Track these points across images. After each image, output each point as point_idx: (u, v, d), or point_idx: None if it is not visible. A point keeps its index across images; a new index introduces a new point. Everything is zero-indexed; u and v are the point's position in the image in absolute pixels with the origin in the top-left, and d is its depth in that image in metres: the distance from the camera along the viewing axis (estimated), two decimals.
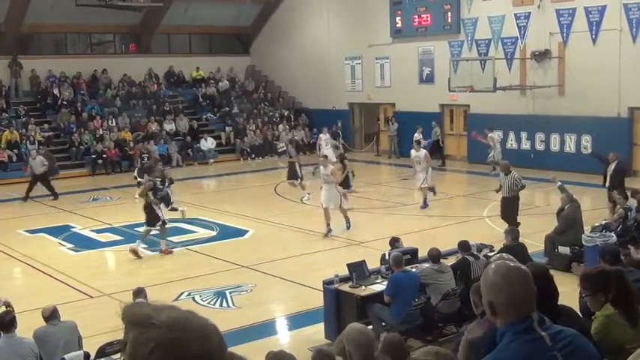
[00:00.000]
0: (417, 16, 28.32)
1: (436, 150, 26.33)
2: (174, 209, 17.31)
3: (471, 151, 26.91)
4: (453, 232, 15.44)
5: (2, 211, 21.05)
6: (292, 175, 21.40)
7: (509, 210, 14.99)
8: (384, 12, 29.27)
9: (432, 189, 19.32)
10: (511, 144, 25.86)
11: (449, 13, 27.20)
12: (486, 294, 2.88)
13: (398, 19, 28.97)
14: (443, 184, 24.49)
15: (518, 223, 14.05)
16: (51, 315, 8.30)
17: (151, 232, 15.22)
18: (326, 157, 17.73)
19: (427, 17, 27.98)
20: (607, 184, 16.44)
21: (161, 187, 16.05)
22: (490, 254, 10.62)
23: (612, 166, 16.34)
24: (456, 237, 11.70)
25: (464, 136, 27.67)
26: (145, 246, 15.66)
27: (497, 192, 15.80)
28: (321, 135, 27.90)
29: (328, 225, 16.28)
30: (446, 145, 28.40)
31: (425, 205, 18.99)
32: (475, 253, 10.47)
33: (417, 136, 24.73)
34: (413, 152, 19.68)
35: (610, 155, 16.65)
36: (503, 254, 4.84)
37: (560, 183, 14.35)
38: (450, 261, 10.49)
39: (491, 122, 25.57)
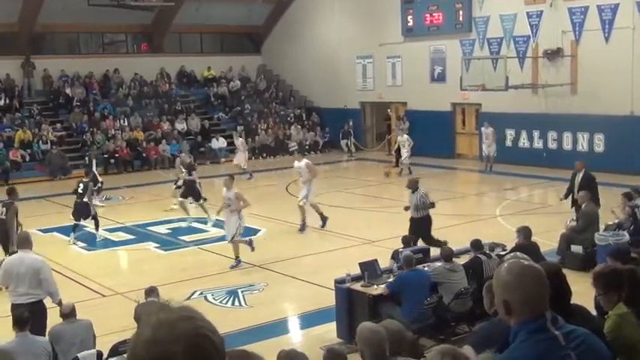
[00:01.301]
0: (428, 15, 28.28)
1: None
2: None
3: (483, 149, 26.82)
4: (464, 231, 15.40)
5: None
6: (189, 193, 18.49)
7: (421, 232, 13.37)
8: (395, 11, 29.24)
9: (322, 217, 16.88)
10: (523, 143, 25.79)
11: (460, 12, 27.15)
12: (500, 293, 2.87)
13: (409, 17, 28.93)
14: (454, 183, 24.50)
15: (440, 241, 12.86)
16: (70, 313, 8.36)
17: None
18: (232, 177, 15.20)
19: (439, 16, 27.93)
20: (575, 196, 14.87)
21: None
22: (502, 253, 10.60)
23: (580, 175, 15.07)
24: (467, 236, 11.68)
25: (475, 135, 27.60)
26: (158, 245, 15.72)
27: (405, 210, 14.21)
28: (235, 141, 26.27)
29: (236, 258, 13.98)
30: (457, 143, 28.35)
31: (302, 229, 16.81)
32: (487, 252, 10.44)
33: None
34: (295, 163, 17.78)
35: (577, 164, 15.40)
36: (517, 253, 4.84)
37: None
38: (462, 260, 10.46)
39: (503, 121, 25.54)
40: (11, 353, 7.28)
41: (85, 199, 16.46)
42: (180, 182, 19.08)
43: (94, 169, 20.30)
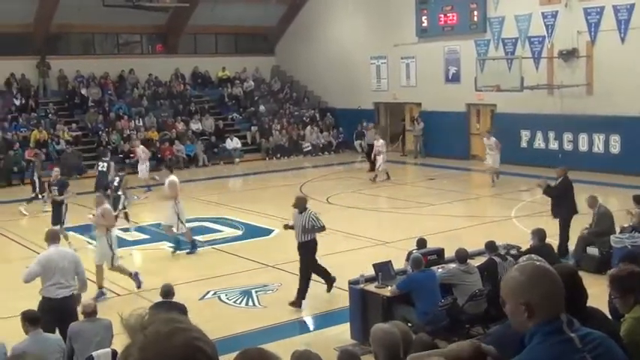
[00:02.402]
0: (443, 15, 28.21)
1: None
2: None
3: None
4: (479, 232, 15.34)
5: (31, 209, 21.26)
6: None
7: (307, 261, 11.82)
8: (409, 11, 29.18)
9: (192, 244, 15.39)
10: (539, 144, 25.67)
11: (475, 12, 27.07)
12: (518, 296, 2.81)
13: (424, 18, 28.87)
14: (469, 184, 24.42)
15: (331, 277, 11.99)
16: (91, 312, 8.42)
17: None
18: (103, 193, 14.43)
19: (453, 16, 27.86)
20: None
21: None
22: (517, 255, 10.55)
23: (558, 181, 14.17)
24: (482, 237, 11.64)
25: None
26: (173, 245, 15.79)
27: (285, 228, 12.65)
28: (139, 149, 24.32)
29: (100, 288, 12.45)
30: (472, 144, 28.25)
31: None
32: (502, 253, 10.40)
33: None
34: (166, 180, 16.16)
35: (557, 170, 14.56)
36: (532, 255, 4.80)
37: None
38: (477, 262, 10.43)
39: (519, 122, 25.44)
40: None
41: (119, 193, 18.13)
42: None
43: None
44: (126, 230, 17.49)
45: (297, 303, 11.51)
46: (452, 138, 27.90)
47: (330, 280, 12.03)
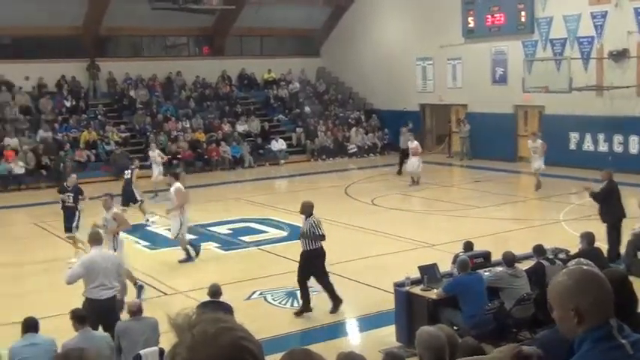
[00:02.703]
0: (490, 16, 27.95)
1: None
2: None
3: (547, 153, 26.36)
4: (527, 235, 15.15)
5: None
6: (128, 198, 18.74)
7: (309, 269, 11.40)
8: (456, 12, 28.98)
9: (187, 254, 15.01)
10: (587, 146, 25.26)
11: (522, 13, 26.75)
12: (567, 301, 2.77)
13: (470, 19, 28.65)
14: (516, 186, 24.14)
15: (336, 295, 11.42)
16: (137, 310, 8.56)
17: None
18: (111, 196, 13.83)
19: (500, 17, 27.58)
20: None
21: None
22: (565, 259, 10.41)
23: (603, 184, 13.82)
24: (530, 241, 11.50)
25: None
26: (219, 245, 15.93)
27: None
28: (150, 152, 24.40)
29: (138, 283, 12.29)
30: (519, 146, 27.93)
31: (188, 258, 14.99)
32: (551, 257, 10.26)
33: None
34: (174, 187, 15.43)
35: (602, 173, 14.18)
36: (581, 259, 4.75)
37: None
38: (524, 265, 10.31)
39: (567, 123, 25.07)
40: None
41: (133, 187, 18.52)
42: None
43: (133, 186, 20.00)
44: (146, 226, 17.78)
45: (301, 312, 11.29)
46: (498, 140, 27.62)
47: (336, 300, 11.34)
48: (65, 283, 9.67)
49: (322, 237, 11.36)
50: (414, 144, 23.75)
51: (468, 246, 11.37)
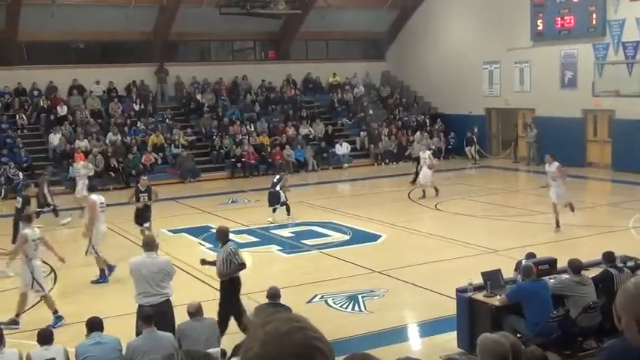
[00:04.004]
0: (559, 19, 27.37)
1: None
2: None
3: (616, 158, 25.71)
4: (594, 242, 14.78)
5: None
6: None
7: (230, 302, 10.14)
8: (524, 14, 28.48)
9: (102, 274, 13.95)
10: None
11: (594, 15, 26.12)
12: (630, 310, 2.68)
13: (539, 21, 28.11)
14: (585, 192, 23.59)
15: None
16: (196, 311, 8.65)
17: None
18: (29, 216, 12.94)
19: (570, 19, 26.99)
20: None
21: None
22: (634, 267, 10.10)
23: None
24: (597, 248, 11.21)
25: (608, 143, 26.49)
26: (281, 248, 16.00)
27: (202, 264, 11.19)
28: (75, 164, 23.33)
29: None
30: (588, 152, 27.29)
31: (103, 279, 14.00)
32: (619, 265, 9.97)
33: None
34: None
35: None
36: None
37: None
38: (591, 273, 10.03)
39: (638, 128, 24.34)
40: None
41: (277, 189, 18.97)
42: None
43: (45, 190, 19.58)
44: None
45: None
46: (567, 145, 26.94)
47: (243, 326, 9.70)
48: None
49: (241, 265, 10.43)
50: (425, 154, 22.48)
51: (530, 257, 11.11)
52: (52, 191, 20.34)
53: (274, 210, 19.12)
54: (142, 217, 16.67)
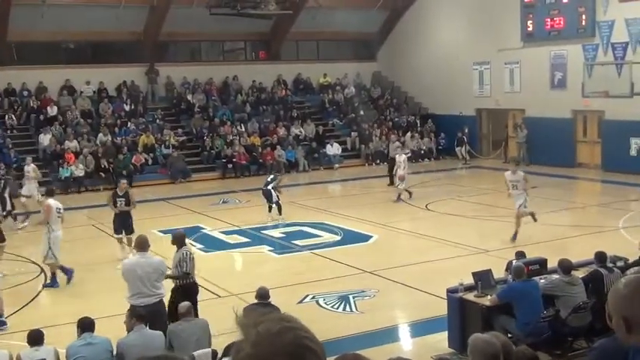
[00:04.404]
0: (549, 20, 27.46)
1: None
2: None
3: (606, 158, 25.82)
4: (584, 242, 14.86)
5: (139, 211, 21.94)
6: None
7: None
8: (514, 16, 28.56)
9: (53, 278, 13.85)
10: None
11: (583, 16, 26.22)
12: (619, 309, 2.72)
13: (529, 22, 28.20)
14: (575, 193, 23.69)
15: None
16: (186, 312, 8.64)
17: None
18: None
19: (560, 20, 27.08)
20: None
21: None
22: (624, 267, 10.15)
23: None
24: (587, 248, 11.27)
25: (597, 144, 26.60)
26: (272, 248, 16.00)
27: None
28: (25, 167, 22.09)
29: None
30: (578, 152, 27.40)
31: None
32: (609, 265, 10.01)
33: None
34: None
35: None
36: None
37: None
38: (581, 273, 10.08)
39: (628, 129, 24.49)
40: None
41: (269, 187, 18.94)
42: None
43: (5, 194, 19.25)
44: None
45: None
46: (557, 145, 27.13)
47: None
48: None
49: (185, 275, 10.11)
50: (401, 158, 21.77)
51: (520, 255, 11.16)
52: (13, 194, 19.87)
53: (270, 208, 19.11)
54: (119, 223, 15.51)
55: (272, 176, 19.98)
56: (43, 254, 13.69)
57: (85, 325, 8.16)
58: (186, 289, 10.09)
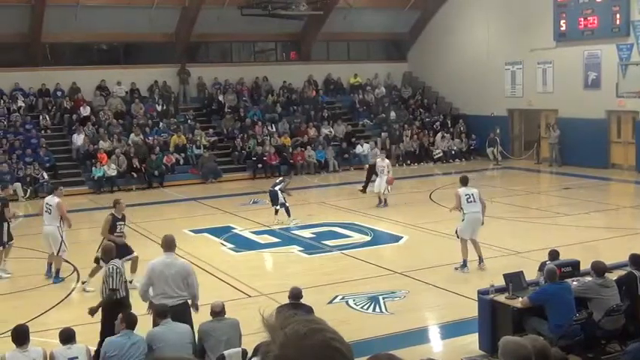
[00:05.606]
0: (582, 19, 27.15)
1: None
2: None
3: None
4: (618, 245, 14.65)
5: (170, 211, 22.24)
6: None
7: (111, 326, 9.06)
8: (547, 15, 28.29)
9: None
10: None
11: (617, 15, 25.88)
12: None
13: (562, 22, 27.90)
14: (608, 194, 23.39)
15: None
16: (219, 311, 8.69)
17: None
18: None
19: (594, 20, 26.76)
20: None
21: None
22: None
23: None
24: (621, 251, 11.12)
25: (632, 144, 26.24)
26: (302, 248, 16.03)
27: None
28: None
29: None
30: (612, 153, 27.06)
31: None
32: None
33: None
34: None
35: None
36: None
37: None
38: (615, 275, 9.94)
39: None
40: None
41: (276, 189, 18.95)
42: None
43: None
44: None
45: None
46: (590, 146, 26.80)
47: None
48: (142, 300, 9.52)
49: (112, 291, 9.58)
50: (384, 162, 21.36)
51: (554, 255, 11.05)
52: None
53: (276, 211, 18.99)
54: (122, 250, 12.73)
55: (280, 178, 20.15)
56: (56, 248, 13.87)
57: (129, 323, 8.29)
58: (114, 307, 9.32)
